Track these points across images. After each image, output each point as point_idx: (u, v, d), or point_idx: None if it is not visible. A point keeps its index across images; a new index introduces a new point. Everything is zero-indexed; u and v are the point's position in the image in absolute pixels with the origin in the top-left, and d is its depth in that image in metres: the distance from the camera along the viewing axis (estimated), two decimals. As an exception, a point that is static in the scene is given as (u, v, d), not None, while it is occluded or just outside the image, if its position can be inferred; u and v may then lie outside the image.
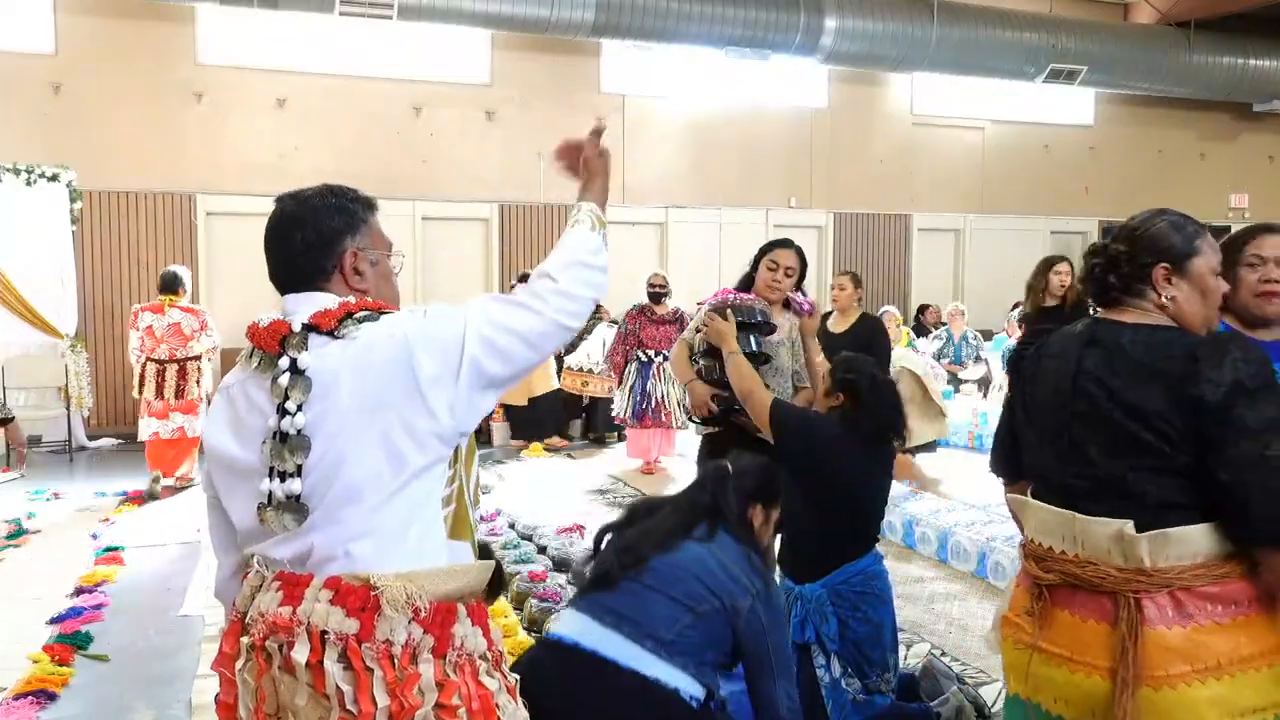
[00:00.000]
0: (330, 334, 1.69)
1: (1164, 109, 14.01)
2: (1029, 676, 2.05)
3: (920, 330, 11.39)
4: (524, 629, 4.29)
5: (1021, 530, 2.19)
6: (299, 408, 1.64)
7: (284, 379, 1.66)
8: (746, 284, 3.92)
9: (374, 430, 1.63)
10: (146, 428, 7.17)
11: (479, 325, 1.69)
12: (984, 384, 9.90)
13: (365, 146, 10.53)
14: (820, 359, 3.79)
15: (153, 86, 9.85)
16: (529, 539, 5.62)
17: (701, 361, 3.71)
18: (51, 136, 9.37)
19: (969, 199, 13.39)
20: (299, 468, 1.63)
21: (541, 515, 6.18)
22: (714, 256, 12.15)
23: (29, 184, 8.61)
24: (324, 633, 1.59)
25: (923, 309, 12.26)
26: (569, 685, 2.24)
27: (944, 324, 10.80)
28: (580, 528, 5.87)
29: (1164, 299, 2.04)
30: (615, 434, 9.25)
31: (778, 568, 3.08)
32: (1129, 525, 1.88)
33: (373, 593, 1.60)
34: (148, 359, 7.17)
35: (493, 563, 1.83)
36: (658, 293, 8.29)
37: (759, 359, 3.62)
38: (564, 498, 7.00)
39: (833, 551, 3.01)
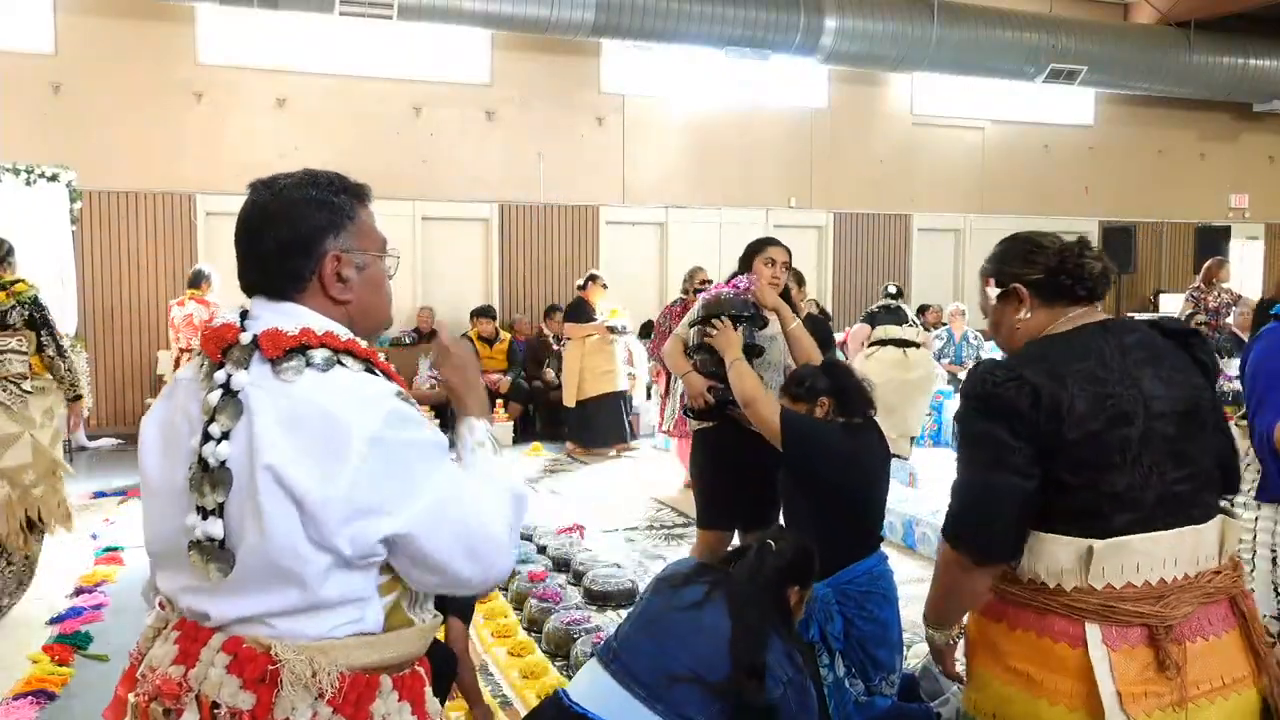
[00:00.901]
0: (271, 364, 1.43)
1: (1164, 109, 14.01)
2: None
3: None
4: (524, 629, 4.29)
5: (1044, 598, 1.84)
6: (224, 435, 1.40)
7: (214, 396, 1.43)
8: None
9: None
10: None
11: (432, 517, 1.43)
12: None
13: (365, 146, 10.53)
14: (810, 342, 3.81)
15: (153, 86, 9.85)
16: (529, 539, 5.63)
17: (696, 356, 3.76)
18: (51, 136, 9.36)
19: (969, 199, 13.39)
20: (220, 506, 1.40)
21: (541, 515, 6.18)
22: (714, 256, 12.12)
23: (29, 184, 8.60)
24: (215, 705, 1.39)
25: (923, 309, 12.23)
26: None
27: (944, 324, 10.81)
28: (580, 528, 5.87)
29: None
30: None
31: None
32: (1224, 518, 1.84)
33: (272, 665, 1.39)
34: (181, 350, 7.62)
35: (437, 622, 1.59)
36: (699, 289, 7.97)
37: (754, 351, 3.69)
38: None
39: (839, 553, 3.01)
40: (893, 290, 7.87)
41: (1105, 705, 1.69)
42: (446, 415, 9.71)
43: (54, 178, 8.70)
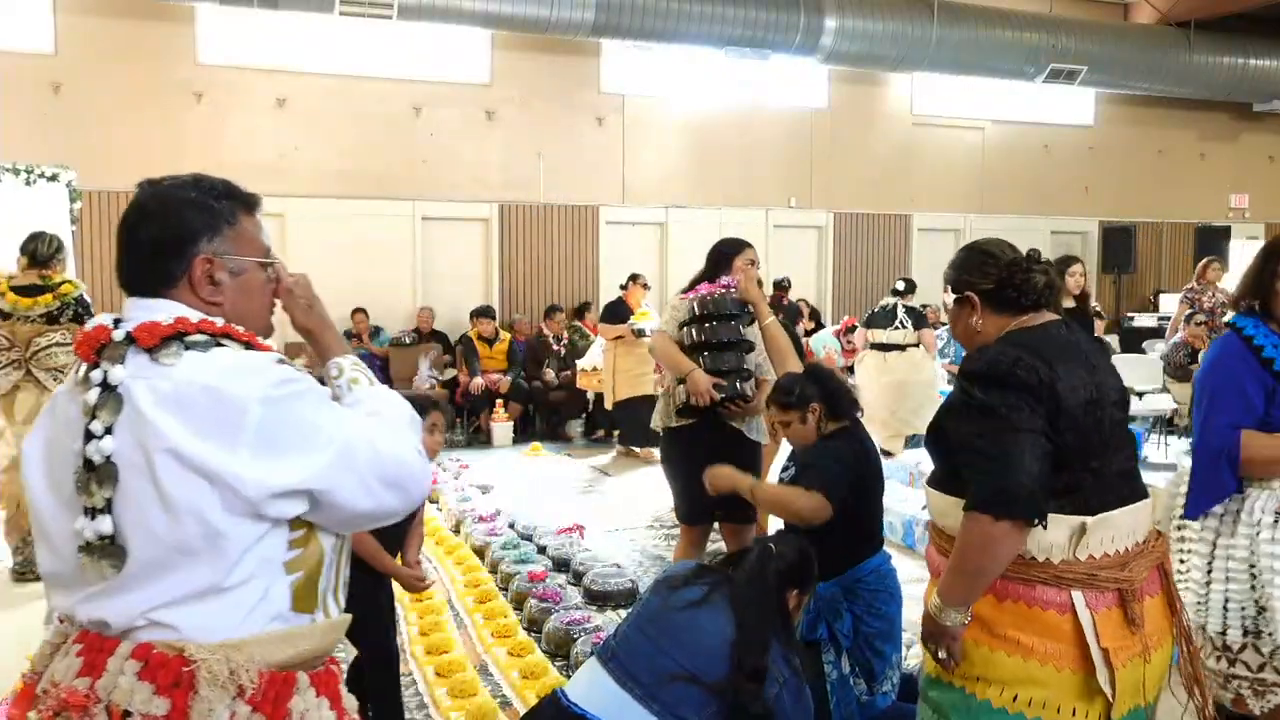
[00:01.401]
0: (149, 352, 1.44)
1: (1164, 109, 14.02)
2: (1144, 682, 2.00)
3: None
4: (524, 629, 4.29)
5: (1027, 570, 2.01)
6: (107, 430, 1.39)
7: (93, 395, 1.42)
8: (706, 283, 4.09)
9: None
10: None
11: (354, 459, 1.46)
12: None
13: (365, 146, 10.54)
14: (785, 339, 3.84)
15: (153, 86, 9.85)
16: (529, 539, 5.63)
17: (697, 355, 3.83)
18: (51, 136, 9.36)
19: (969, 199, 13.39)
20: (108, 502, 1.39)
21: (541, 515, 6.18)
22: (714, 256, 12.14)
23: (29, 184, 8.59)
24: (127, 714, 1.36)
25: (923, 309, 12.24)
26: None
27: (944, 324, 10.80)
28: (580, 528, 5.87)
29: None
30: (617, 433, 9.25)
31: None
32: (1154, 490, 2.09)
33: (187, 667, 1.37)
34: None
35: (346, 618, 1.60)
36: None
37: (747, 347, 3.81)
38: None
39: (847, 554, 3.02)
40: (899, 286, 7.88)
41: (1095, 661, 1.92)
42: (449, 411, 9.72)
43: (54, 178, 8.70)
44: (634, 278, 9.15)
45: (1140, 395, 8.79)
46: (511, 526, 5.88)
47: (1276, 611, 2.55)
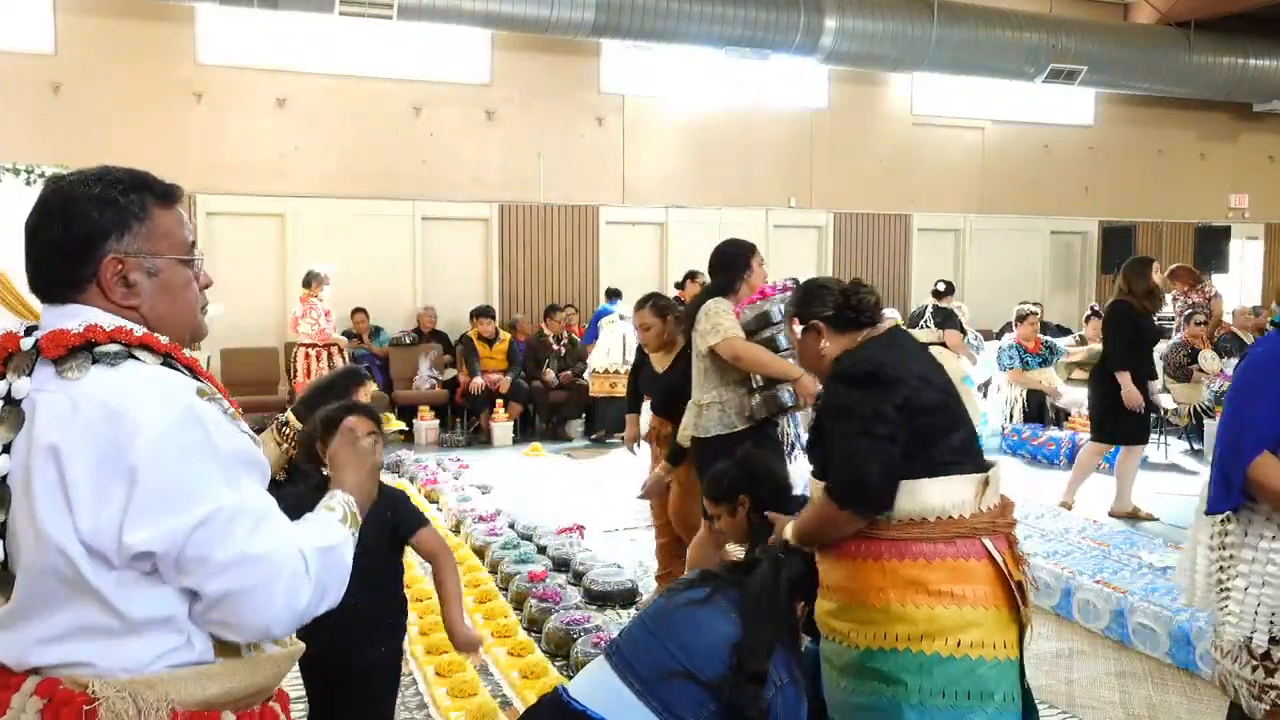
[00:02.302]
0: (55, 364, 1.32)
1: (1164, 109, 14.02)
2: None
3: (920, 330, 11.38)
4: (524, 629, 4.29)
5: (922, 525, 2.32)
6: (4, 448, 1.29)
7: None
8: (723, 290, 4.14)
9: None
10: None
11: (208, 533, 1.28)
12: (983, 386, 9.89)
13: (365, 146, 10.54)
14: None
15: (153, 86, 9.85)
16: (529, 539, 5.63)
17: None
18: (51, 136, 9.35)
19: (969, 199, 13.39)
20: (2, 525, 1.30)
21: (541, 516, 6.18)
22: (714, 256, 12.14)
23: (29, 184, 8.59)
24: None
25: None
26: None
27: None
28: (580, 528, 5.87)
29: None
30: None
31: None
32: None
33: (89, 705, 1.27)
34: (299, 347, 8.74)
35: (296, 648, 1.47)
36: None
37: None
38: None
39: None
40: (939, 288, 7.84)
41: (1014, 593, 2.27)
42: (447, 414, 9.72)
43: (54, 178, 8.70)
44: (692, 275, 8.43)
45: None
46: (511, 526, 5.88)
47: None
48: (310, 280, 8.90)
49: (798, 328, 2.55)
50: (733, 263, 4.09)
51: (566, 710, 2.26)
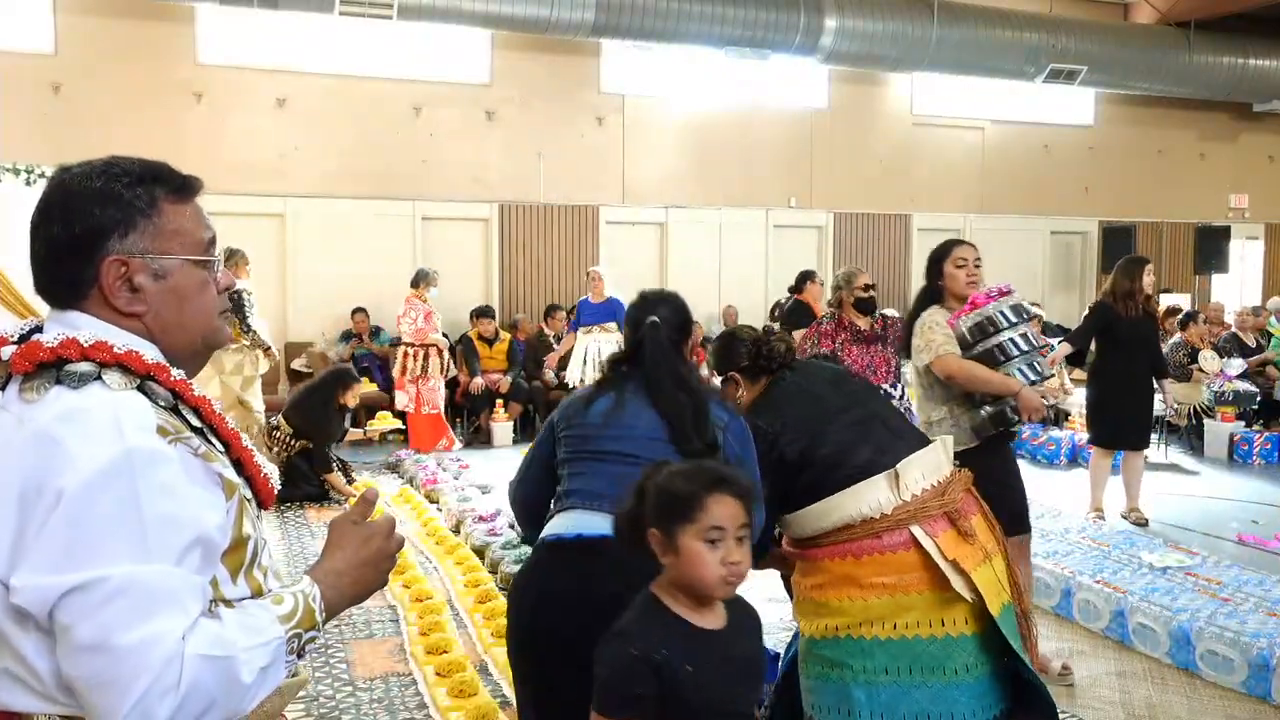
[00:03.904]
0: (22, 380, 1.22)
1: (1164, 109, 14.01)
2: (999, 580, 2.42)
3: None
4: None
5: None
6: None
7: None
8: (933, 298, 3.90)
9: None
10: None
11: (102, 600, 1.11)
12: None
13: (365, 146, 10.54)
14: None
15: (153, 86, 9.85)
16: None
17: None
18: (51, 136, 9.35)
19: (969, 199, 13.39)
20: None
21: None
22: (714, 256, 12.15)
23: (29, 184, 8.57)
24: None
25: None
26: (577, 570, 2.22)
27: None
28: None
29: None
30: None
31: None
32: (935, 443, 2.62)
33: None
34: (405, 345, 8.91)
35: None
36: (868, 300, 5.31)
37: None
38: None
39: None
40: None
41: (947, 572, 2.33)
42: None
43: (54, 178, 8.71)
44: (809, 276, 7.61)
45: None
46: (512, 527, 5.88)
47: None
48: (419, 280, 8.96)
49: (717, 379, 2.75)
50: (930, 268, 3.89)
51: (558, 546, 2.28)
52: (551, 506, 2.43)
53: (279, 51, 10.25)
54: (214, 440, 1.30)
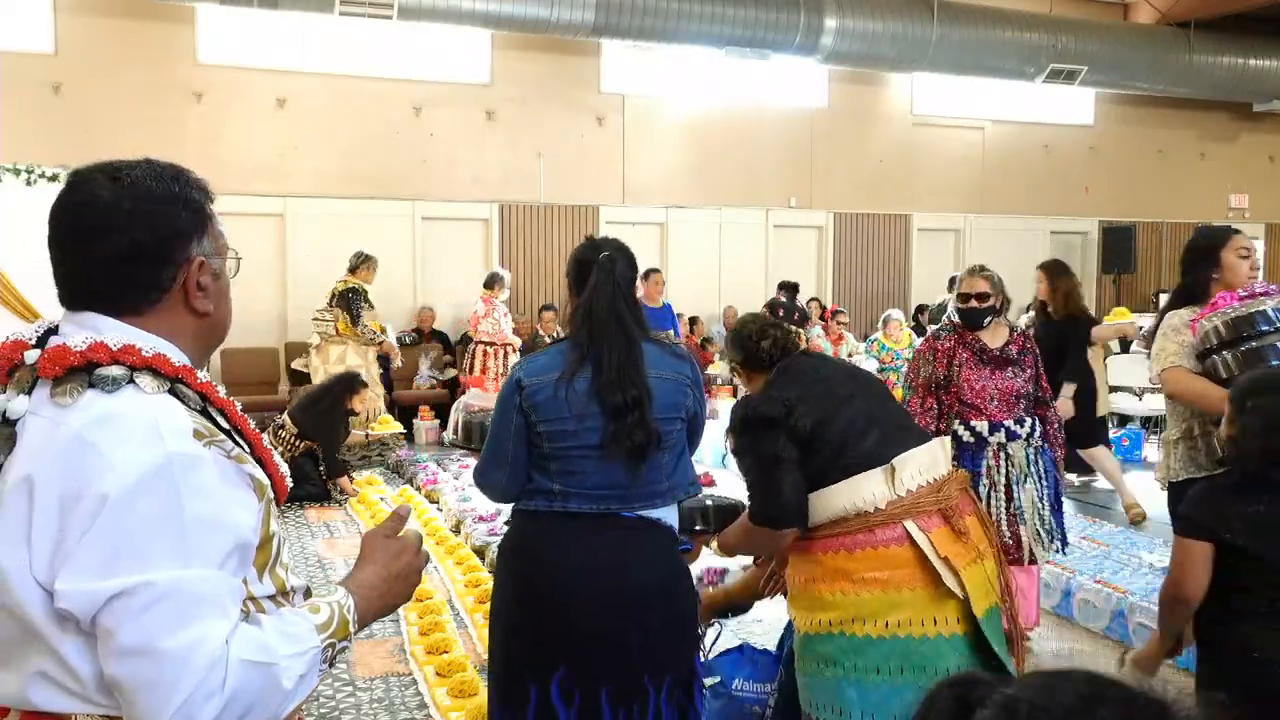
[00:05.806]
0: (53, 385, 1.22)
1: (1164, 109, 14.01)
2: (989, 581, 2.42)
3: (919, 330, 11.38)
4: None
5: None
6: None
7: None
8: (1188, 297, 3.31)
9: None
10: None
11: (145, 604, 1.13)
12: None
13: (365, 146, 10.54)
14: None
15: (153, 86, 9.85)
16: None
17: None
18: (51, 136, 9.35)
19: (969, 199, 13.39)
20: None
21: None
22: (714, 256, 12.15)
23: (29, 184, 8.59)
24: None
25: (921, 309, 12.25)
26: (583, 536, 2.41)
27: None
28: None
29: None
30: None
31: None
32: (937, 441, 2.64)
33: None
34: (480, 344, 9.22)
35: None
36: (979, 310, 4.11)
37: None
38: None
39: None
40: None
41: (939, 569, 2.33)
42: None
43: (54, 178, 8.67)
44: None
45: (1140, 395, 8.79)
46: (507, 524, 5.87)
47: None
48: (492, 281, 9.26)
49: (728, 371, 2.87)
50: (1194, 260, 3.27)
51: (622, 520, 2.39)
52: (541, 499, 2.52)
53: (279, 51, 10.25)
54: (240, 442, 1.32)
